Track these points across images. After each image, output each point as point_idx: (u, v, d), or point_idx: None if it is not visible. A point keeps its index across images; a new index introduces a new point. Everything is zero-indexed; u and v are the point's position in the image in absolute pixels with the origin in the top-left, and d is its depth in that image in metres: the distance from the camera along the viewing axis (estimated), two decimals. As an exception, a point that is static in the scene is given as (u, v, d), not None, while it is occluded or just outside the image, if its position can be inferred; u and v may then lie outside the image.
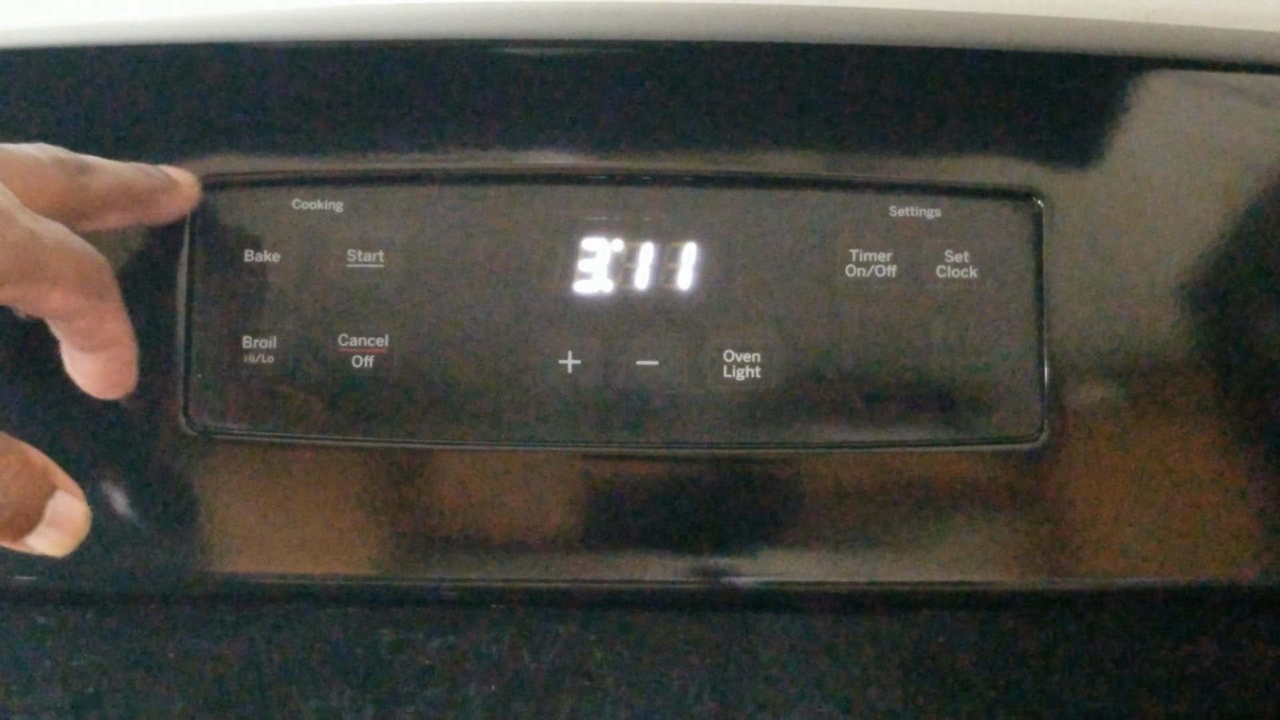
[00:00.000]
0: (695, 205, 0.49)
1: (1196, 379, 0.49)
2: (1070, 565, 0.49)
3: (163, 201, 0.47)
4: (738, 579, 0.49)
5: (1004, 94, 0.50)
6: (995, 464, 0.48)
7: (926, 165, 0.49)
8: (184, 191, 0.47)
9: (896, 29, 0.54)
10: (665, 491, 0.48)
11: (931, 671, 0.58)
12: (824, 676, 0.58)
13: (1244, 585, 0.49)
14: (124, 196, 0.45)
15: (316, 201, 0.48)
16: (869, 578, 0.49)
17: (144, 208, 0.46)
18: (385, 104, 0.49)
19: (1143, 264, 0.49)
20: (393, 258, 0.48)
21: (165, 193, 0.47)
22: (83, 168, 0.44)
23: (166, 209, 0.47)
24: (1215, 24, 0.59)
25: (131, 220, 0.46)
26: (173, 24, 0.53)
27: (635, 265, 0.49)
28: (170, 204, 0.47)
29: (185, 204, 0.47)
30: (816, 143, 0.49)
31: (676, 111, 0.49)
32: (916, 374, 0.48)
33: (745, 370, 0.48)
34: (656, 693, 0.58)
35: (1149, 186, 0.49)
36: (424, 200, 0.49)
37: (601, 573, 0.48)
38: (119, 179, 0.45)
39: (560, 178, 0.49)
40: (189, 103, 0.49)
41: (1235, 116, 0.50)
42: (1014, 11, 0.59)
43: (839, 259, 0.49)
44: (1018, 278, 0.49)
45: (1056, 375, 0.48)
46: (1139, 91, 0.50)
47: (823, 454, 0.48)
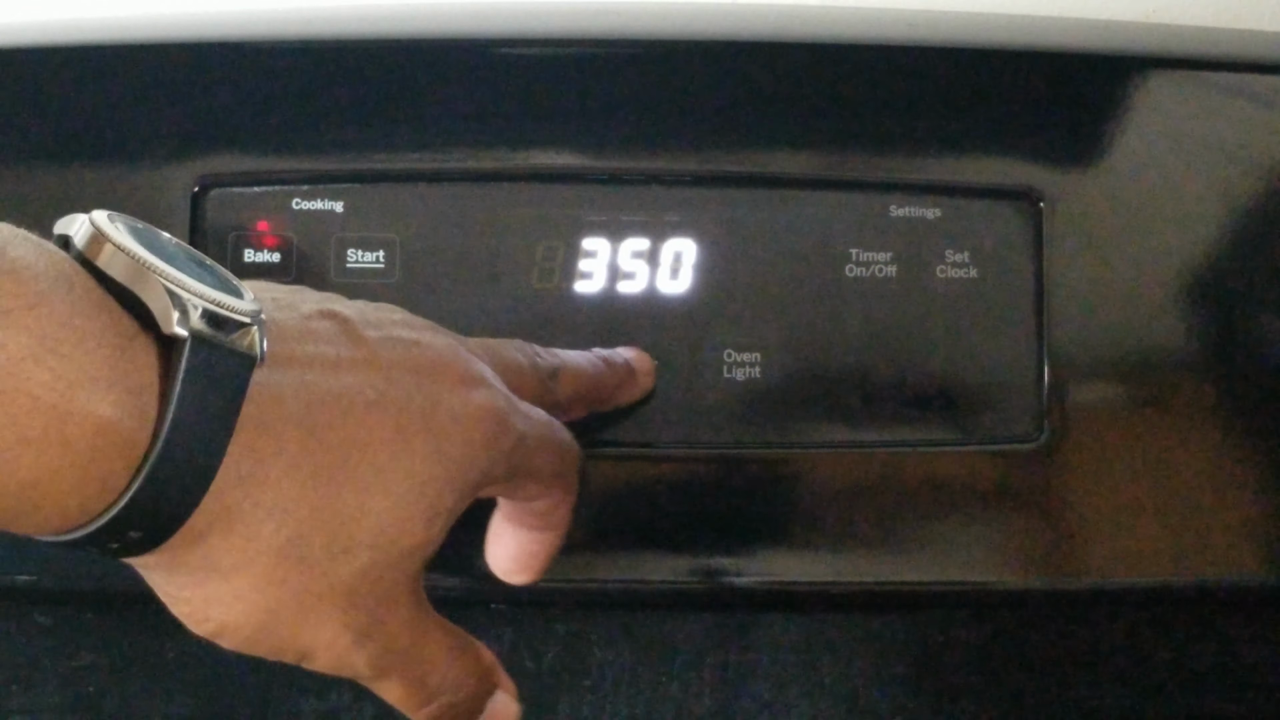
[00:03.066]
0: (695, 205, 0.49)
1: (1196, 379, 0.49)
2: (1070, 565, 0.49)
3: (621, 395, 0.47)
4: (738, 579, 0.49)
5: (1004, 94, 0.50)
6: (995, 464, 0.48)
7: (926, 165, 0.49)
8: (641, 381, 0.47)
9: (896, 29, 0.54)
10: (665, 491, 0.48)
11: (931, 671, 0.58)
12: (824, 676, 0.58)
13: (1244, 585, 0.49)
14: (588, 397, 0.45)
15: (316, 201, 0.48)
16: (869, 578, 0.49)
17: (603, 402, 0.46)
18: (385, 104, 0.49)
19: (1143, 264, 0.49)
20: (393, 258, 0.48)
21: (624, 387, 0.47)
22: (554, 373, 0.44)
23: (622, 401, 0.47)
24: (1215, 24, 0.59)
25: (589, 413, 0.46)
26: (172, 23, 0.53)
27: (635, 265, 0.49)
28: (628, 396, 0.47)
29: (641, 392, 0.48)
30: (816, 143, 0.49)
31: (677, 111, 0.49)
32: (916, 374, 0.48)
33: (745, 370, 0.48)
34: (656, 693, 0.58)
35: (1149, 186, 0.49)
36: (424, 200, 0.48)
37: (601, 573, 0.48)
38: (585, 381, 0.45)
39: (560, 177, 0.49)
40: (189, 102, 0.49)
41: (1235, 116, 0.50)
42: (1014, 11, 0.59)
43: (839, 259, 0.49)
44: (1018, 278, 0.49)
45: (1056, 375, 0.48)
46: (1139, 91, 0.50)
47: (823, 454, 0.48)
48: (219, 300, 0.32)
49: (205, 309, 0.32)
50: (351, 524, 0.35)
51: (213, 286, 0.33)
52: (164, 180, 0.48)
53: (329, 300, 0.38)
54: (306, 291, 0.39)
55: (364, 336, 0.37)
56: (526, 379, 0.42)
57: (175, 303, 0.31)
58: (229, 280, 0.34)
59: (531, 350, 0.44)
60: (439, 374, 0.37)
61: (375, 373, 0.36)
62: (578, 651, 0.58)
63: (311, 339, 0.36)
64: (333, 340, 0.36)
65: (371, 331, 0.37)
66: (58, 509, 0.31)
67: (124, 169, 0.49)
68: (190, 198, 0.48)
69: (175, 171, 0.48)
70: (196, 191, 0.48)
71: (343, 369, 0.36)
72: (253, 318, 0.33)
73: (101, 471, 0.30)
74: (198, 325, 0.31)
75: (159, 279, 0.31)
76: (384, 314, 0.39)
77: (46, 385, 0.29)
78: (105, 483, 0.31)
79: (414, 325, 0.39)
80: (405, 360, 0.37)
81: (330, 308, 0.37)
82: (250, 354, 0.32)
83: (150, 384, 0.31)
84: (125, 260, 0.32)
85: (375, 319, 0.38)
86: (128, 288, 0.31)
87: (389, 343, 0.37)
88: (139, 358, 0.31)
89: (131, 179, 0.48)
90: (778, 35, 0.51)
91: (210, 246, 0.48)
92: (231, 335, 0.32)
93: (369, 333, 0.37)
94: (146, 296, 0.31)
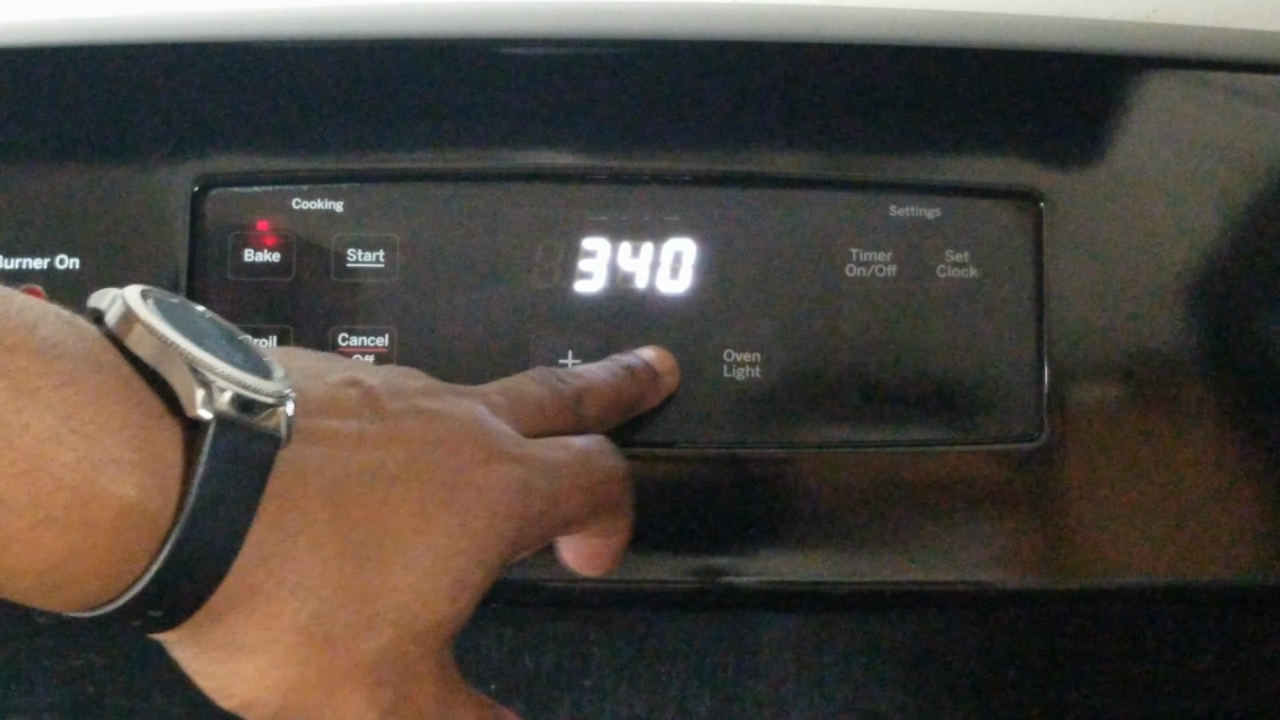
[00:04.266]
0: (695, 205, 0.49)
1: (1196, 379, 0.49)
2: (1070, 565, 0.49)
3: (647, 401, 0.47)
4: (738, 579, 0.49)
5: (1004, 94, 0.50)
6: (995, 464, 0.48)
7: (926, 165, 0.49)
8: (665, 382, 0.48)
9: (896, 29, 0.54)
10: (665, 491, 0.48)
11: (931, 671, 0.58)
12: (824, 676, 0.58)
13: (1244, 585, 0.49)
14: (616, 412, 0.45)
15: (316, 201, 0.48)
16: (869, 578, 0.49)
17: (630, 411, 0.46)
18: (385, 103, 0.49)
19: (1143, 264, 0.49)
20: (393, 258, 0.48)
21: (649, 392, 0.47)
22: (579, 398, 0.44)
23: (650, 405, 0.47)
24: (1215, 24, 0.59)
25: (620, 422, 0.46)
26: (172, 23, 0.53)
27: (635, 265, 0.49)
28: (655, 398, 0.47)
29: (667, 392, 0.48)
30: (816, 143, 0.49)
31: (677, 111, 0.49)
32: (916, 374, 0.48)
33: (745, 370, 0.48)
34: (656, 693, 0.58)
35: (1149, 186, 0.49)
36: (424, 200, 0.48)
37: (601, 572, 0.48)
38: (610, 397, 0.45)
39: (560, 177, 0.49)
40: (189, 102, 0.49)
41: (1235, 116, 0.50)
42: (1014, 11, 0.59)
43: (839, 259, 0.49)
44: (1018, 278, 0.49)
45: (1056, 375, 0.48)
46: (1139, 91, 0.50)
47: (823, 454, 0.48)
48: (245, 382, 0.32)
49: (232, 392, 0.32)
50: (375, 600, 0.35)
51: (241, 366, 0.33)
52: (164, 180, 0.48)
53: (354, 368, 0.38)
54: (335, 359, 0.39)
55: (387, 408, 0.37)
56: (551, 411, 0.43)
57: (200, 384, 0.31)
58: (259, 359, 0.34)
59: (553, 378, 0.44)
60: (461, 447, 0.38)
61: (399, 447, 0.36)
62: (578, 651, 0.58)
63: (336, 412, 0.36)
64: (357, 413, 0.36)
65: (395, 403, 0.37)
66: (80, 588, 0.31)
67: (124, 169, 0.48)
68: (190, 198, 0.48)
69: (175, 171, 0.48)
70: (196, 191, 0.48)
71: (366, 444, 0.36)
72: (278, 399, 0.33)
73: (123, 552, 0.31)
74: (223, 407, 0.32)
75: (185, 360, 0.32)
76: (408, 381, 0.39)
77: (70, 466, 0.29)
78: (127, 563, 0.31)
79: (436, 394, 0.39)
80: (427, 433, 0.37)
81: (355, 375, 0.38)
82: (276, 434, 0.33)
83: (174, 465, 0.31)
84: (153, 340, 0.32)
85: (400, 387, 0.38)
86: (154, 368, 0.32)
87: (412, 414, 0.37)
88: (164, 438, 0.31)
89: (131, 179, 0.48)
90: (778, 35, 0.51)
91: (210, 246, 0.48)
92: (257, 417, 0.32)
93: (393, 404, 0.37)
94: (172, 378, 0.32)
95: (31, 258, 0.47)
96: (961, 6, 0.59)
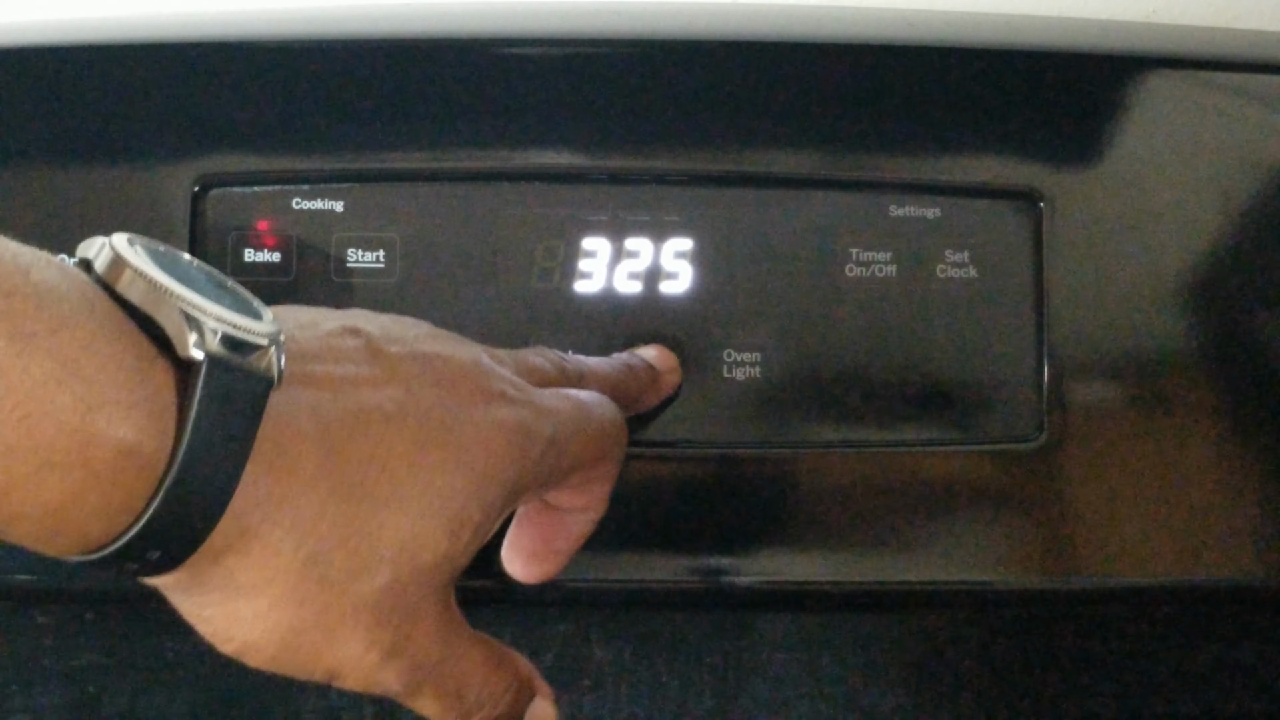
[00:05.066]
0: (695, 205, 0.49)
1: (1196, 379, 0.49)
2: (1070, 565, 0.49)
3: (646, 399, 0.47)
4: (738, 579, 0.49)
5: (1004, 94, 0.50)
6: (995, 464, 0.48)
7: (926, 165, 0.49)
8: (666, 381, 0.47)
9: (896, 29, 0.54)
10: (665, 491, 0.48)
11: (931, 671, 0.58)
12: (824, 676, 0.58)
13: (1244, 585, 0.49)
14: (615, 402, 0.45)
15: (316, 201, 0.48)
16: (869, 578, 0.49)
17: (627, 407, 0.46)
18: (385, 103, 0.49)
19: (1143, 264, 0.49)
20: (393, 258, 0.48)
21: (649, 390, 0.47)
22: (579, 378, 0.44)
23: (649, 404, 0.47)
24: (1215, 24, 0.60)
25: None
26: (172, 23, 0.53)
27: (635, 265, 0.49)
28: (654, 399, 0.47)
29: (669, 391, 0.48)
30: (816, 143, 0.49)
31: (677, 111, 0.49)
32: (916, 374, 0.48)
33: (745, 370, 0.48)
34: (656, 692, 0.58)
35: (1149, 186, 0.49)
36: (424, 200, 0.49)
37: (601, 572, 0.48)
38: (612, 387, 0.45)
39: (560, 177, 0.49)
40: (189, 102, 0.49)
41: (1235, 116, 0.50)
42: (1014, 11, 0.59)
43: (839, 259, 0.49)
44: (1018, 278, 0.49)
45: (1056, 375, 0.48)
46: (1139, 91, 0.50)
47: (823, 454, 0.48)
48: (236, 323, 0.32)
49: (223, 332, 0.32)
50: (372, 540, 0.35)
51: (232, 309, 0.33)
52: (164, 180, 0.48)
53: (352, 317, 0.38)
54: (331, 311, 0.39)
55: (385, 352, 0.37)
56: (553, 381, 0.42)
57: (192, 326, 0.32)
58: (249, 303, 0.34)
59: (556, 356, 0.44)
60: (460, 387, 0.37)
61: (395, 388, 0.36)
62: (578, 651, 0.58)
63: (332, 357, 0.36)
64: (353, 357, 0.36)
65: (394, 347, 0.37)
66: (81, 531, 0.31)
67: (124, 169, 0.49)
68: (190, 198, 0.48)
69: (175, 171, 0.48)
70: (196, 191, 0.48)
71: (362, 385, 0.36)
72: (270, 339, 0.33)
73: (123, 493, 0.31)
74: (214, 348, 0.32)
75: (176, 302, 0.32)
76: (407, 329, 0.39)
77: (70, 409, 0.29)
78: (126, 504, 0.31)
79: (437, 338, 0.39)
80: (426, 374, 0.37)
81: (353, 324, 0.38)
82: (267, 375, 0.33)
83: (169, 406, 0.31)
84: (143, 284, 0.32)
85: (398, 334, 0.38)
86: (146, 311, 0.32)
87: (410, 358, 0.37)
88: (158, 380, 0.31)
89: (131, 179, 0.48)
90: (778, 35, 0.51)
91: (210, 246, 0.48)
92: (249, 357, 0.32)
93: (391, 348, 0.37)
94: (164, 320, 0.32)
95: (31, 258, 0.47)
96: (961, 6, 0.59)
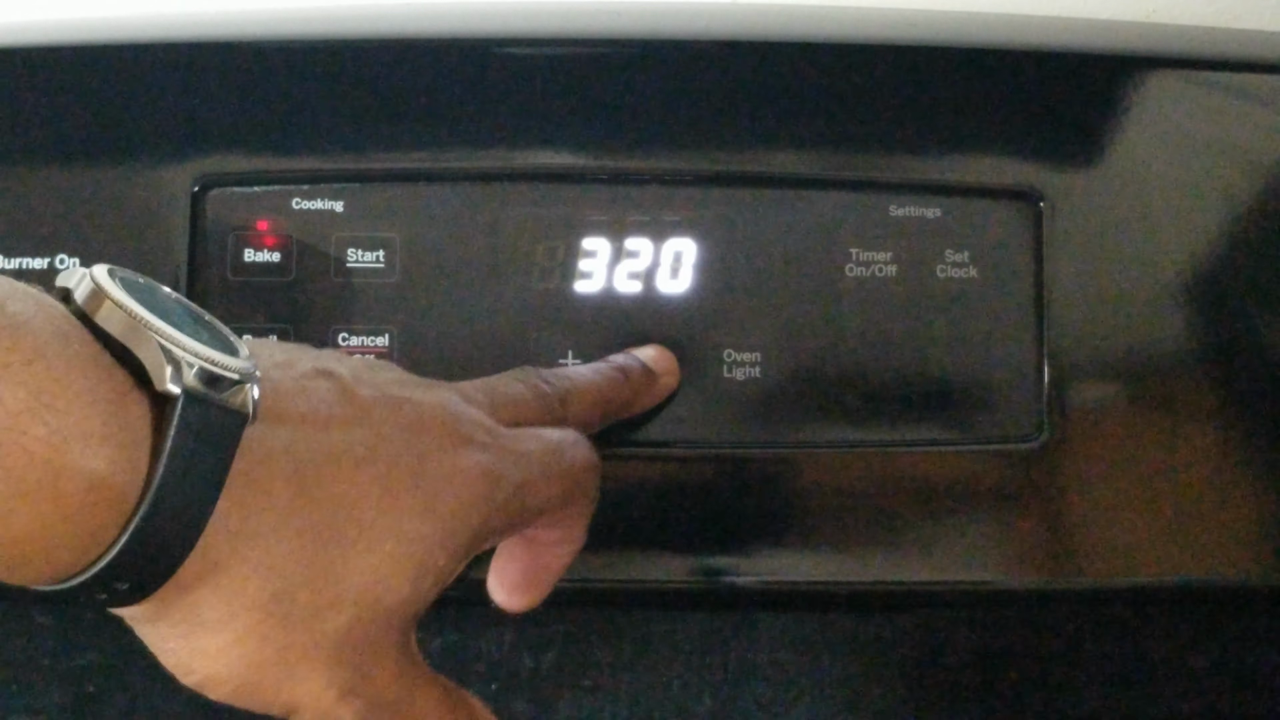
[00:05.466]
0: (695, 205, 0.49)
1: (1196, 379, 0.49)
2: (1070, 565, 0.49)
3: (641, 402, 0.47)
4: (738, 579, 0.49)
5: (1004, 94, 0.50)
6: (995, 464, 0.48)
7: (926, 165, 0.49)
8: (662, 383, 0.47)
9: (896, 29, 0.54)
10: (665, 491, 0.48)
11: (931, 671, 0.58)
12: (824, 676, 0.58)
13: (1244, 585, 0.49)
14: (603, 413, 0.45)
15: (316, 201, 0.48)
16: (869, 578, 0.49)
17: (622, 412, 0.46)
18: (385, 103, 0.49)
19: (1143, 264, 0.49)
20: (393, 258, 0.48)
21: (643, 394, 0.47)
22: (563, 399, 0.43)
23: (644, 406, 0.47)
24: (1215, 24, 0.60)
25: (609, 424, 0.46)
26: (172, 23, 0.53)
27: (635, 265, 0.49)
28: (649, 401, 0.47)
29: (665, 393, 0.47)
30: (816, 143, 0.49)
31: (676, 111, 0.49)
32: (917, 374, 0.48)
33: (745, 370, 0.48)
34: (656, 693, 0.58)
35: (1149, 186, 0.49)
36: (424, 200, 0.49)
37: (601, 572, 0.48)
38: (596, 398, 0.45)
39: (560, 177, 0.49)
40: (189, 102, 0.49)
41: (1235, 116, 0.50)
42: (1014, 11, 0.59)
43: (839, 259, 0.49)
44: (1018, 278, 0.49)
45: (1056, 375, 0.48)
46: (1139, 91, 0.50)
47: (823, 454, 0.48)
48: (213, 358, 0.33)
49: (199, 367, 0.32)
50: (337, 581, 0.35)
51: (209, 344, 0.33)
52: (164, 180, 0.48)
53: (326, 359, 0.39)
54: (306, 350, 0.39)
55: (357, 395, 0.37)
56: (531, 410, 0.42)
57: (169, 360, 0.32)
58: (226, 338, 0.34)
59: (536, 377, 0.44)
60: (428, 431, 0.38)
61: (366, 431, 0.36)
62: (578, 651, 0.58)
63: (305, 397, 0.36)
64: (326, 399, 0.36)
65: (365, 390, 0.37)
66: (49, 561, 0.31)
67: (124, 169, 0.49)
68: (190, 198, 0.48)
69: (175, 171, 0.48)
70: (196, 191, 0.48)
71: (334, 427, 0.36)
72: (245, 375, 0.33)
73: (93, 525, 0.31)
74: (191, 383, 0.32)
75: (154, 336, 0.32)
76: (379, 373, 0.39)
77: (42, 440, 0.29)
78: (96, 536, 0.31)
79: (407, 384, 0.39)
80: (396, 418, 0.37)
81: (326, 366, 0.38)
82: (243, 411, 0.33)
83: (143, 439, 0.31)
84: (122, 317, 0.32)
85: (369, 378, 0.38)
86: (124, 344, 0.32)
87: (382, 401, 0.37)
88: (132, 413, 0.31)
89: (131, 179, 0.48)
90: (778, 35, 0.51)
91: (210, 246, 0.48)
92: (225, 393, 0.33)
93: (363, 391, 0.37)
94: (141, 353, 0.32)
95: (31, 257, 0.47)
96: (961, 6, 0.59)
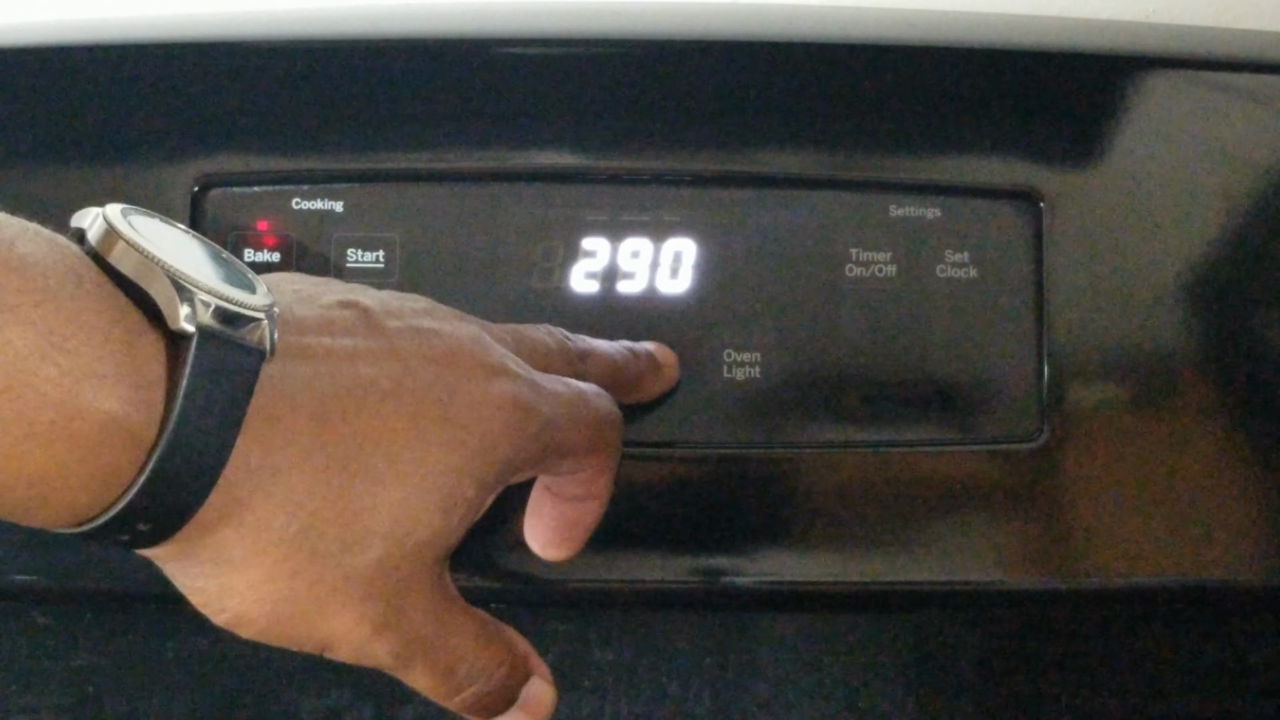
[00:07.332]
0: (695, 205, 0.49)
1: (1196, 379, 0.49)
2: (1070, 565, 0.49)
3: (646, 385, 0.47)
4: (738, 579, 0.49)
5: (1004, 94, 0.50)
6: (995, 464, 0.48)
7: (926, 165, 0.49)
8: (666, 374, 0.47)
9: (896, 29, 0.54)
10: (665, 491, 0.48)
11: (931, 671, 0.58)
12: (824, 676, 0.58)
13: (1244, 585, 0.49)
14: (613, 382, 0.45)
15: (316, 201, 0.48)
16: (869, 578, 0.49)
17: (629, 391, 0.46)
18: (384, 103, 0.49)
19: (1143, 264, 0.49)
20: (393, 258, 0.48)
21: (649, 376, 0.47)
22: (583, 355, 0.44)
23: (649, 391, 0.47)
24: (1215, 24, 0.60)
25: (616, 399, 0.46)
26: (172, 23, 0.53)
27: (635, 265, 0.49)
28: (653, 387, 0.47)
29: (667, 385, 0.48)
30: (816, 143, 0.49)
31: (676, 111, 0.49)
32: (916, 374, 0.48)
33: (745, 370, 0.48)
34: (656, 693, 0.58)
35: (1149, 186, 0.49)
36: (424, 200, 0.49)
37: (601, 572, 0.48)
38: (611, 366, 0.45)
39: (560, 177, 0.49)
40: (188, 101, 0.49)
41: (1235, 116, 0.50)
42: (1014, 11, 0.59)
43: (839, 259, 0.49)
44: (1018, 278, 0.49)
45: (1056, 375, 0.48)
46: (1139, 91, 0.50)
47: (823, 454, 0.48)
48: (228, 295, 0.32)
49: (215, 304, 0.32)
50: (365, 515, 0.35)
51: (226, 281, 0.33)
52: (164, 180, 0.48)
53: (352, 291, 0.38)
54: (332, 283, 0.39)
55: (384, 326, 0.37)
56: (555, 360, 0.42)
57: (183, 298, 0.31)
58: (244, 275, 0.34)
59: (560, 333, 0.44)
60: (458, 363, 0.37)
61: (392, 362, 0.36)
62: (578, 651, 0.58)
63: (329, 330, 0.36)
64: (351, 331, 0.36)
65: (392, 321, 0.37)
66: (67, 502, 0.31)
67: (124, 169, 0.49)
68: (190, 198, 0.48)
69: (175, 171, 0.48)
70: (196, 191, 0.48)
71: (359, 359, 0.35)
72: (263, 312, 0.33)
73: (109, 465, 0.31)
74: (205, 320, 0.32)
75: (167, 274, 0.32)
76: (407, 303, 0.39)
77: (53, 381, 0.29)
78: (113, 476, 0.31)
79: (436, 314, 0.39)
80: (424, 350, 0.37)
81: (352, 298, 0.37)
82: (259, 348, 0.33)
83: (158, 379, 0.31)
84: (135, 256, 0.32)
85: (397, 308, 0.38)
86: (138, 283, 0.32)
87: (409, 332, 0.37)
88: (146, 352, 0.31)
89: (131, 179, 0.48)
90: (778, 35, 0.51)
91: (210, 246, 0.48)
92: (241, 330, 0.32)
93: (390, 323, 0.37)
94: (154, 292, 0.32)
95: (31, 258, 0.47)
96: (961, 6, 0.59)
